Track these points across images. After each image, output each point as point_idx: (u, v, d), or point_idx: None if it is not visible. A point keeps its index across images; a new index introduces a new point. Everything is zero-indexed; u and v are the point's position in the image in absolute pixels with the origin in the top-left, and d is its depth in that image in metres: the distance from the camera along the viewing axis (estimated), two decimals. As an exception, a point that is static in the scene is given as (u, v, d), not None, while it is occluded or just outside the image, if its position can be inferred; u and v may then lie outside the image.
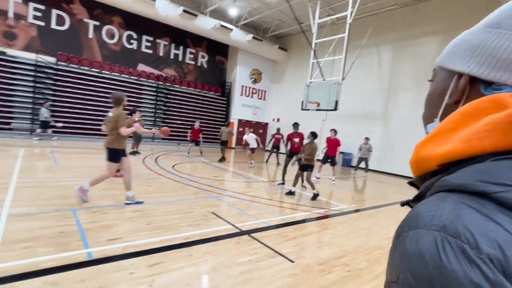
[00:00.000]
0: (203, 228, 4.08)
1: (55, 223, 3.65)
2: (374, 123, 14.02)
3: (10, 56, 11.96)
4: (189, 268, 2.90)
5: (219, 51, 18.82)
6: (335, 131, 9.35)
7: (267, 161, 12.59)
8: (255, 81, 19.83)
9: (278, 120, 19.98)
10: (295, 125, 8.11)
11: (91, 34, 14.10)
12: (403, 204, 0.50)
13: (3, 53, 11.75)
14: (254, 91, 19.91)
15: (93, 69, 13.90)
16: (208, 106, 18.05)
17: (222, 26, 15.46)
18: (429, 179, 0.40)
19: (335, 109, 11.22)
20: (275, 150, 12.21)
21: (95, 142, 13.22)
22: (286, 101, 19.31)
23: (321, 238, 4.22)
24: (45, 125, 11.74)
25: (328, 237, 4.27)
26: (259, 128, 20.59)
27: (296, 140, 7.95)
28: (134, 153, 10.79)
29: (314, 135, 6.74)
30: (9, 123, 11.86)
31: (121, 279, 2.58)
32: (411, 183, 0.47)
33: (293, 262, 3.27)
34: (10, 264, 2.63)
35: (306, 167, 6.69)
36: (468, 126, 0.37)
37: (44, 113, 11.60)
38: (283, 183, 7.75)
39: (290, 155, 7.97)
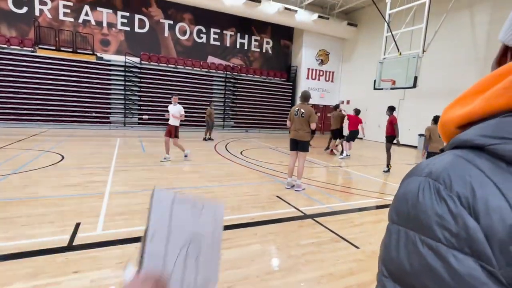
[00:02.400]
0: (268, 210, 4.23)
1: (143, 201, 4.28)
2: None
3: (106, 60, 14.06)
4: (254, 245, 3.09)
5: (283, 35, 18.58)
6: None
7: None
8: (322, 63, 19.02)
9: (348, 102, 18.88)
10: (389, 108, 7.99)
11: (166, 33, 15.50)
12: None
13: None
14: (321, 73, 19.14)
15: (169, 65, 15.34)
16: (274, 92, 18.15)
17: (286, 8, 15.15)
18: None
19: (414, 86, 10.02)
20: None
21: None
22: (356, 81, 18.06)
23: (392, 226, 3.94)
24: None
25: (401, 225, 3.96)
26: (328, 111, 19.83)
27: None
28: (208, 139, 11.76)
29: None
30: (108, 117, 14.10)
31: (195, 251, 2.90)
32: (442, 150, 0.44)
33: (358, 248, 3.17)
34: (113, 231, 3.22)
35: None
36: (494, 85, 0.36)
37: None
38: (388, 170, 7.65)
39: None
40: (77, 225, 3.31)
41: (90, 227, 3.29)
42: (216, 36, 16.75)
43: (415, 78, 9.85)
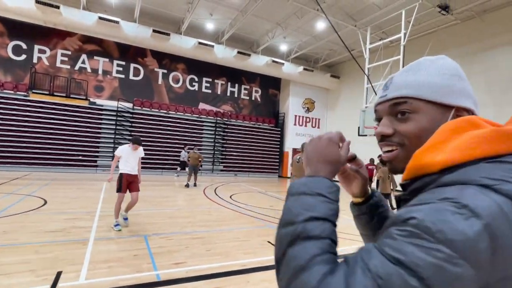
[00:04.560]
0: (260, 256, 4.12)
1: (130, 247, 4.11)
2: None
3: (98, 105, 14.34)
4: (246, 294, 2.96)
5: (271, 85, 19.69)
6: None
7: None
8: (308, 110, 19.97)
9: (334, 147, 19.45)
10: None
11: (160, 81, 16.21)
12: (398, 198, 0.58)
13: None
14: (308, 120, 19.98)
15: (161, 111, 15.75)
16: (263, 137, 18.61)
17: (273, 61, 16.33)
18: (420, 179, 0.51)
19: (395, 133, 10.58)
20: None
21: (163, 175, 14.58)
22: (341, 128, 18.69)
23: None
24: (183, 164, 14.26)
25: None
26: (315, 156, 20.24)
27: None
28: (186, 185, 10.97)
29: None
30: (95, 161, 13.91)
31: (184, 300, 2.76)
32: (402, 185, 0.57)
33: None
34: (98, 280, 3.04)
35: None
36: (453, 139, 0.49)
37: (183, 155, 14.12)
38: None
39: None
40: (59, 274, 3.12)
41: (73, 276, 3.11)
42: (208, 85, 17.60)
43: (396, 125, 10.43)
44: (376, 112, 0.63)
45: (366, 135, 11.85)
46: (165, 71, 16.32)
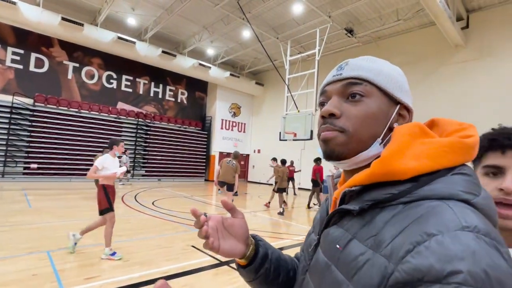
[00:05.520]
0: (183, 261, 4.11)
1: (28, 266, 3.59)
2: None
3: (-15, 99, 11.87)
4: (167, 300, 2.94)
5: (198, 88, 19.47)
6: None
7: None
8: (234, 115, 20.43)
9: (259, 151, 20.34)
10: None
11: (70, 75, 14.33)
12: (358, 211, 0.47)
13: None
14: (234, 124, 20.42)
15: (71, 109, 13.93)
16: (189, 141, 18.23)
17: (200, 64, 16.21)
18: (381, 188, 0.46)
19: (311, 138, 11.75)
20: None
21: (72, 182, 12.92)
22: (265, 133, 19.87)
23: (299, 263, 4.33)
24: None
25: (306, 262, 4.39)
26: (241, 159, 20.79)
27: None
28: None
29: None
30: (-21, 167, 11.44)
31: (97, 316, 2.59)
32: (345, 192, 0.52)
33: None
34: (-19, 310, 2.59)
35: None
36: (413, 145, 0.47)
37: (126, 160, 12.76)
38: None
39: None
40: None
41: None
42: (128, 83, 16.34)
43: (311, 131, 11.62)
44: (324, 93, 0.59)
45: (286, 140, 12.82)
46: (76, 64, 14.50)
